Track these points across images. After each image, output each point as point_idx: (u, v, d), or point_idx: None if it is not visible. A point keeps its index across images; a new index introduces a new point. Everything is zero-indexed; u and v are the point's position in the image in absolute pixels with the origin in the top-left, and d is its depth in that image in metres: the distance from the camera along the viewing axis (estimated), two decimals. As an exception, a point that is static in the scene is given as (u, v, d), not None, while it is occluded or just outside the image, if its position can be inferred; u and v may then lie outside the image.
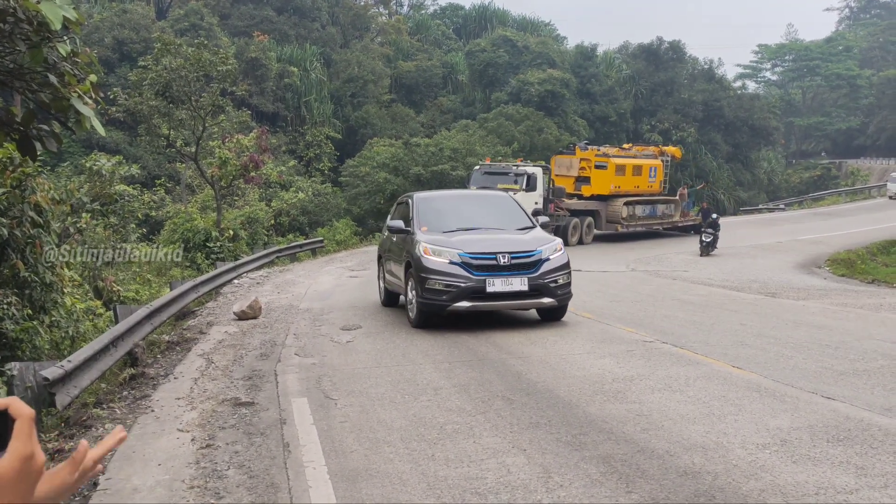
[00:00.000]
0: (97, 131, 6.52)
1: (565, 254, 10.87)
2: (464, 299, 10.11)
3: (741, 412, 6.19)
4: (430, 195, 13.09)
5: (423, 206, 11.82)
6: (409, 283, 10.83)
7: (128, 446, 6.01)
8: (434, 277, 10.18)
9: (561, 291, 10.52)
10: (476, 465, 5.17)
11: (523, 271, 10.23)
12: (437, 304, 10.21)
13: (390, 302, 12.97)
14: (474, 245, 10.45)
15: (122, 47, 49.59)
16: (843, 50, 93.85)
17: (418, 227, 11.16)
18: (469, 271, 10.13)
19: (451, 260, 10.23)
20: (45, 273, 9.89)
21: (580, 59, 66.08)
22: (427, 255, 10.39)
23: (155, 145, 29.73)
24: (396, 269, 11.78)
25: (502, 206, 12.27)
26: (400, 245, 11.61)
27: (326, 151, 53.74)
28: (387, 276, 12.78)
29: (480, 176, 27.16)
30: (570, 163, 30.65)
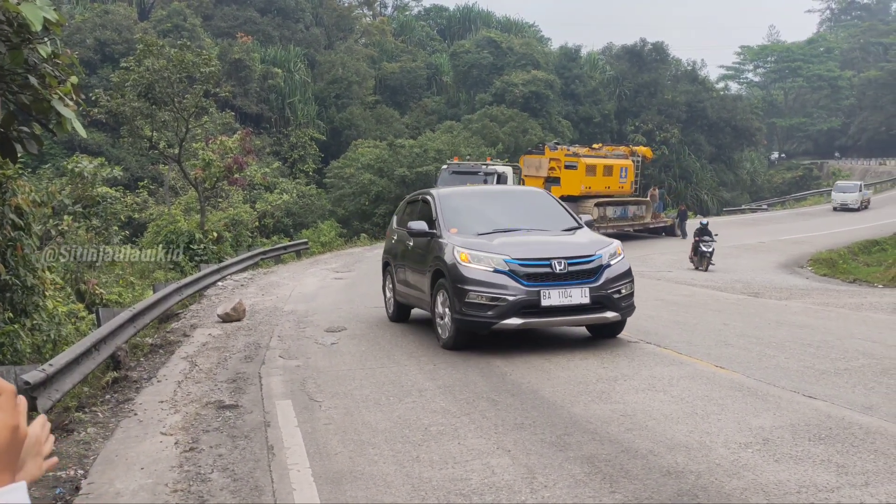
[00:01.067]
0: (78, 133, 6.48)
1: (626, 259, 9.40)
2: (513, 315, 8.45)
3: (724, 411, 6.23)
4: (455, 191, 11.63)
5: (448, 204, 10.29)
6: (437, 295, 9.24)
7: (110, 450, 5.98)
8: (476, 289, 8.57)
9: (625, 303, 9.03)
10: (460, 467, 5.18)
11: (583, 280, 8.67)
12: (480, 321, 8.58)
13: (401, 316, 11.50)
14: (522, 249, 8.86)
15: (103, 48, 49.29)
16: (825, 51, 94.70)
17: (446, 228, 9.63)
18: (518, 281, 8.52)
19: (495, 267, 8.60)
20: (27, 276, 9.81)
21: (564, 60, 66.34)
22: (465, 262, 8.76)
23: (138, 147, 29.62)
24: (416, 279, 10.27)
25: (540, 203, 10.83)
26: (422, 250, 10.04)
27: (311, 153, 53.66)
28: (398, 287, 11.15)
29: (448, 176, 26.34)
30: (540, 163, 30.10)
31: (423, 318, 10.56)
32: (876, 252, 28.90)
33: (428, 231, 9.83)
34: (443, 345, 9.15)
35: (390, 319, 11.63)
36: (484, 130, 48.76)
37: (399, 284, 11.10)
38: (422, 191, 11.70)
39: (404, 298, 11.05)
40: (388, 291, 11.84)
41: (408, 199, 12.20)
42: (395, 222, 11.98)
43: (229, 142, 28.16)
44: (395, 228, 11.70)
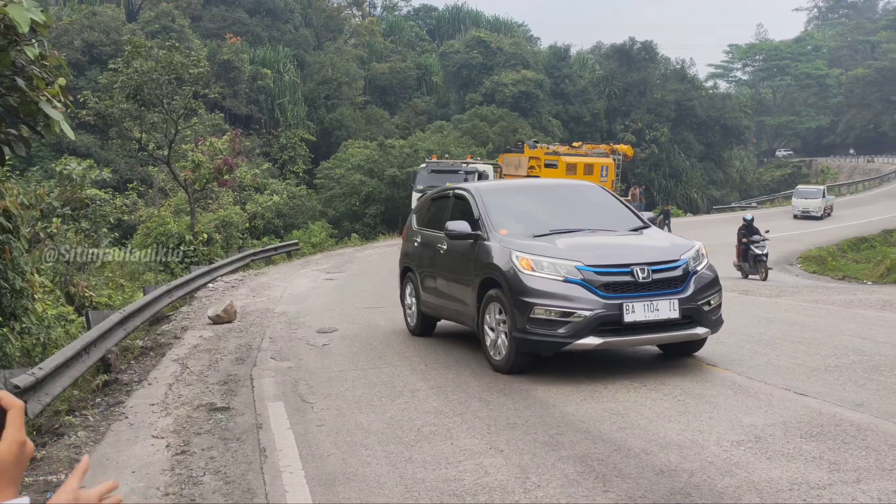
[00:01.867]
0: (67, 135, 6.45)
1: (711, 263, 8.16)
2: (591, 333, 7.16)
3: (716, 409, 6.24)
4: (497, 186, 10.60)
5: (492, 200, 8.92)
6: (487, 309, 7.98)
7: (101, 453, 5.95)
8: (544, 302, 7.25)
9: (714, 316, 7.78)
10: (453, 467, 5.17)
11: (669, 290, 7.43)
12: (548, 340, 7.27)
13: (426, 329, 10.23)
14: (595, 254, 7.61)
15: (91, 50, 49.08)
16: (813, 49, 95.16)
17: (494, 229, 8.30)
18: (595, 292, 7.24)
19: (566, 276, 7.32)
20: (15, 279, 9.75)
21: (554, 59, 66.47)
22: (528, 269, 7.46)
23: (127, 149, 29.54)
24: (453, 289, 8.99)
25: (595, 199, 9.54)
26: (462, 255, 8.71)
27: (301, 154, 53.59)
28: (425, 297, 9.81)
29: (427, 175, 26.03)
30: (519, 161, 29.62)
31: (451, 331, 9.95)
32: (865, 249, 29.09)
33: (471, 233, 8.47)
34: (496, 367, 7.84)
35: (412, 333, 10.34)
36: (474, 130, 48.81)
37: (426, 294, 9.76)
38: (452, 186, 10.34)
39: (433, 310, 9.73)
40: (409, 301, 10.50)
41: (431, 195, 10.90)
42: (414, 223, 10.70)
43: (219, 143, 28.08)
44: (417, 230, 10.39)
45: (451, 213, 9.39)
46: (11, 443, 1.20)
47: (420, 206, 10.99)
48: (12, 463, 1.20)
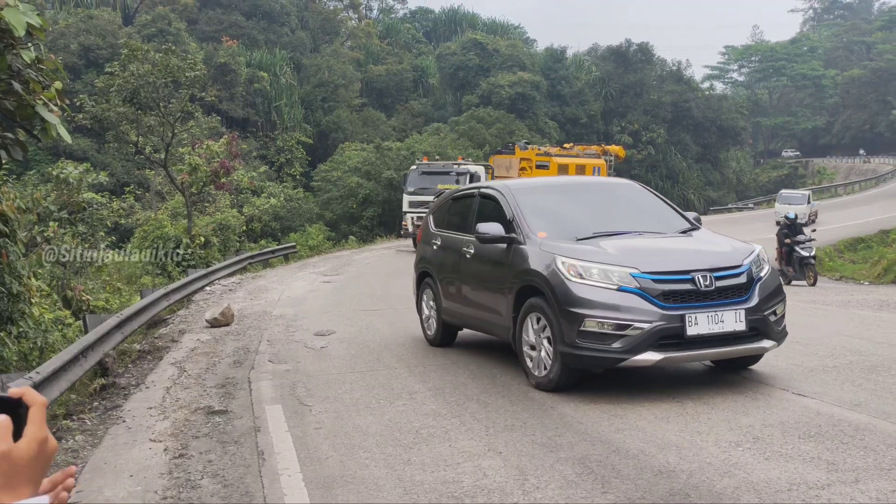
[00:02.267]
0: (63, 139, 6.45)
1: (772, 268, 7.57)
2: (650, 348, 6.46)
3: (714, 410, 6.25)
4: (529, 184, 9.78)
5: (527, 200, 8.22)
6: (527, 320, 7.25)
7: (99, 457, 5.94)
8: (596, 314, 6.56)
9: (780, 327, 7.17)
10: (452, 469, 5.17)
11: (734, 299, 6.77)
12: (601, 355, 6.57)
13: (447, 339, 9.55)
14: (650, 259, 6.95)
15: (88, 53, 49.05)
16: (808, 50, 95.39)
17: (531, 231, 7.61)
18: (653, 302, 6.55)
19: (619, 284, 6.63)
20: (12, 283, 9.73)
21: (550, 61, 66.56)
22: (576, 277, 6.76)
23: (123, 152, 29.47)
24: (483, 297, 8.32)
25: (636, 198, 8.83)
26: (494, 260, 8.02)
27: (298, 156, 53.59)
28: (447, 305, 9.13)
29: (418, 176, 26.00)
30: (510, 163, 29.35)
31: (474, 341, 9.46)
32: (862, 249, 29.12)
33: (505, 235, 7.75)
34: (537, 384, 7.13)
35: (431, 343, 9.68)
36: (471, 132, 48.85)
37: (448, 301, 9.08)
38: (478, 185, 9.74)
39: (458, 319, 9.06)
40: (427, 309, 9.82)
41: (450, 195, 10.17)
42: (432, 225, 9.96)
43: (216, 146, 28.06)
44: (436, 232, 9.68)
45: (478, 214, 8.70)
46: (32, 440, 1.19)
47: (437, 206, 10.27)
48: (32, 461, 1.18)
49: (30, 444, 1.19)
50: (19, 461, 1.17)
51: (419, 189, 25.43)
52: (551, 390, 6.94)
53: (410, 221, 25.33)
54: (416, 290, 10.26)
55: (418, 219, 24.75)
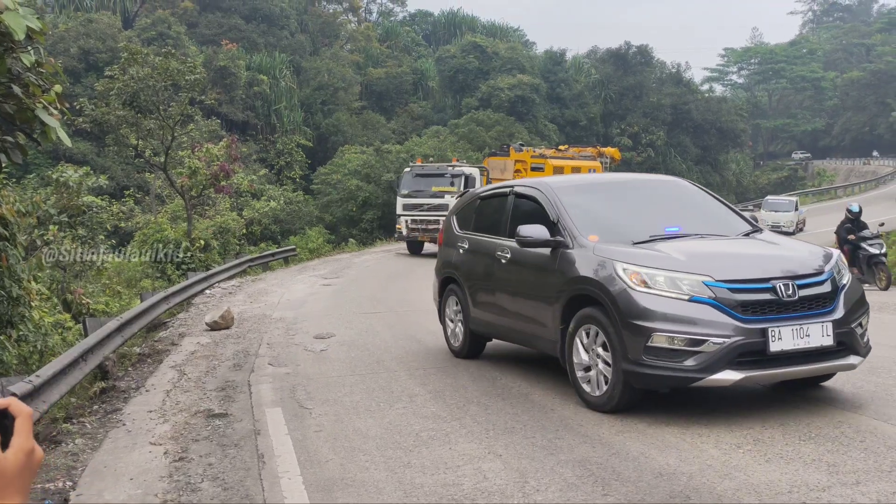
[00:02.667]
0: (63, 142, 6.44)
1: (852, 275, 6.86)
2: (728, 366, 5.78)
3: (714, 412, 6.24)
4: (571, 182, 8.94)
5: (572, 199, 7.46)
6: (578, 333, 6.57)
7: (99, 461, 5.94)
8: (665, 327, 5.89)
9: (865, 341, 6.45)
10: (452, 472, 5.17)
11: (819, 310, 6.07)
12: (672, 374, 5.91)
13: (475, 350, 8.89)
14: (723, 265, 6.25)
15: (87, 57, 49.10)
16: (807, 52, 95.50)
17: (581, 234, 6.88)
18: (731, 314, 5.85)
19: (691, 294, 5.94)
20: (12, 287, 9.72)
21: (549, 64, 66.61)
22: (640, 285, 6.08)
23: (123, 156, 29.48)
24: (523, 307, 7.56)
25: (688, 197, 8.11)
26: (536, 266, 7.33)
27: (297, 159, 53.61)
28: (476, 314, 8.45)
29: (412, 178, 25.79)
30: (505, 165, 29.23)
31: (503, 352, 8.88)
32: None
33: (550, 239, 7.01)
34: (592, 404, 6.47)
35: (456, 355, 9.01)
36: (471, 135, 48.87)
37: (479, 310, 8.40)
38: (511, 183, 8.94)
39: (489, 329, 8.40)
40: (452, 318, 9.15)
41: (478, 194, 9.42)
42: (456, 226, 9.29)
43: (215, 149, 28.06)
44: (462, 234, 9.00)
45: (513, 215, 8.03)
46: (19, 451, 1.19)
47: (462, 207, 9.48)
48: (20, 471, 1.19)
49: (17, 456, 1.19)
50: (7, 472, 1.17)
51: (413, 191, 25.26)
52: (610, 411, 6.27)
53: (405, 224, 25.14)
54: (438, 297, 9.49)
55: (413, 221, 24.81)
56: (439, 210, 23.94)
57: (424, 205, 24.65)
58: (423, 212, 24.61)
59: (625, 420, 6.12)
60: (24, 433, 1.21)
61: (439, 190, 24.58)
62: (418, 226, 24.82)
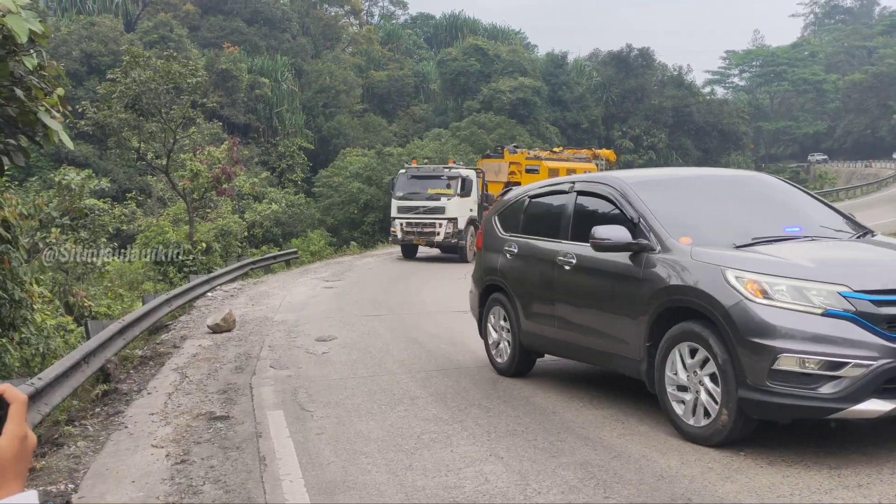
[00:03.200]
0: (65, 145, 6.45)
1: None
2: (875, 393, 4.92)
3: (716, 415, 6.24)
4: (648, 177, 7.69)
5: (654, 197, 6.50)
6: (673, 353, 5.72)
7: (101, 463, 5.94)
8: (794, 347, 5.03)
9: None
10: (454, 474, 5.17)
11: None
12: (804, 404, 5.05)
13: (523, 367, 7.95)
14: (858, 272, 5.41)
15: (90, 60, 49.18)
16: (809, 55, 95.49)
17: (668, 235, 6.00)
18: (875, 331, 5.00)
19: (825, 307, 5.09)
20: (14, 289, 9.74)
21: (551, 66, 66.65)
22: (758, 296, 5.24)
23: (125, 158, 29.52)
24: (592, 319, 6.68)
25: (780, 194, 7.17)
26: (613, 273, 6.35)
27: (299, 162, 53.64)
28: (527, 326, 7.55)
29: (407, 181, 25.12)
30: (499, 167, 28.57)
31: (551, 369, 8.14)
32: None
33: (633, 242, 6.06)
34: (695, 436, 5.56)
35: (502, 372, 8.07)
36: (472, 137, 48.89)
37: (533, 322, 7.48)
38: (572, 179, 7.96)
39: (547, 344, 7.49)
40: (496, 332, 8.21)
41: (526, 192, 8.38)
42: (498, 227, 8.39)
43: (217, 152, 28.10)
44: (508, 237, 8.07)
45: (576, 215, 7.09)
46: (12, 437, 1.20)
47: (506, 207, 8.52)
48: (14, 457, 1.20)
49: (10, 442, 1.20)
50: (3, 458, 1.19)
51: (408, 194, 24.62)
52: (718, 444, 5.41)
53: (399, 227, 24.49)
54: (478, 308, 8.56)
55: (408, 224, 24.26)
56: (435, 213, 23.72)
57: (420, 207, 24.08)
58: (419, 215, 24.09)
59: (626, 423, 6.12)
60: (18, 419, 1.22)
61: (435, 192, 24.06)
62: (414, 229, 24.26)
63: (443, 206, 23.63)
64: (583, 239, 6.63)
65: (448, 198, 23.63)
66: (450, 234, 23.61)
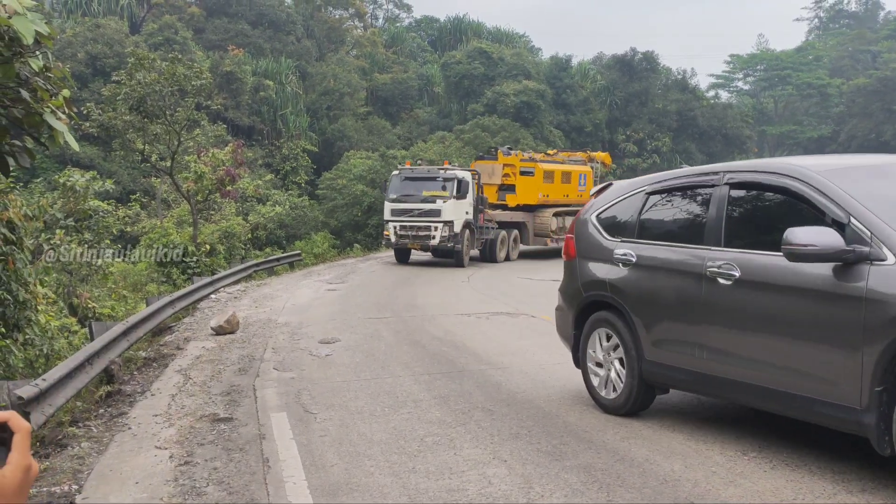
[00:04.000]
0: (70, 146, 6.47)
1: None
2: None
3: (720, 419, 6.23)
4: (848, 164, 5.89)
5: (863, 190, 4.95)
6: None
7: (105, 464, 5.95)
8: None
9: None
10: (457, 477, 5.17)
11: None
12: None
13: (642, 404, 6.44)
14: None
15: (95, 62, 49.27)
16: (814, 59, 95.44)
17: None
18: None
19: None
20: (19, 290, 9.76)
21: (555, 70, 66.68)
22: None
23: (129, 160, 29.61)
24: (767, 351, 5.17)
25: None
26: (801, 289, 4.93)
27: (303, 164, 53.67)
28: (653, 355, 6.11)
29: (400, 182, 24.27)
30: (493, 169, 27.51)
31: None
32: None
33: (847, 249, 4.64)
34: None
35: (610, 409, 6.58)
36: (476, 141, 48.86)
37: (665, 352, 6.00)
38: (719, 168, 6.09)
39: (691, 380, 5.86)
40: (604, 361, 6.71)
41: (640, 186, 6.81)
42: (599, 231, 6.97)
43: (221, 154, 28.15)
44: (617, 242, 6.68)
45: (731, 215, 5.70)
46: (16, 468, 1.20)
47: (612, 204, 7.01)
48: (17, 488, 1.20)
49: (14, 473, 1.20)
50: (7, 489, 1.18)
51: (402, 196, 23.88)
52: None
53: (393, 231, 23.89)
54: (572, 329, 7.08)
55: (401, 227, 23.68)
56: (431, 216, 23.19)
57: (415, 210, 23.45)
58: (414, 217, 23.48)
59: (630, 426, 6.11)
60: (22, 449, 1.21)
61: (430, 195, 23.46)
62: (408, 232, 23.64)
63: (438, 208, 23.17)
64: (744, 245, 5.46)
65: (444, 200, 23.18)
66: (446, 238, 23.13)
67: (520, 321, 12.49)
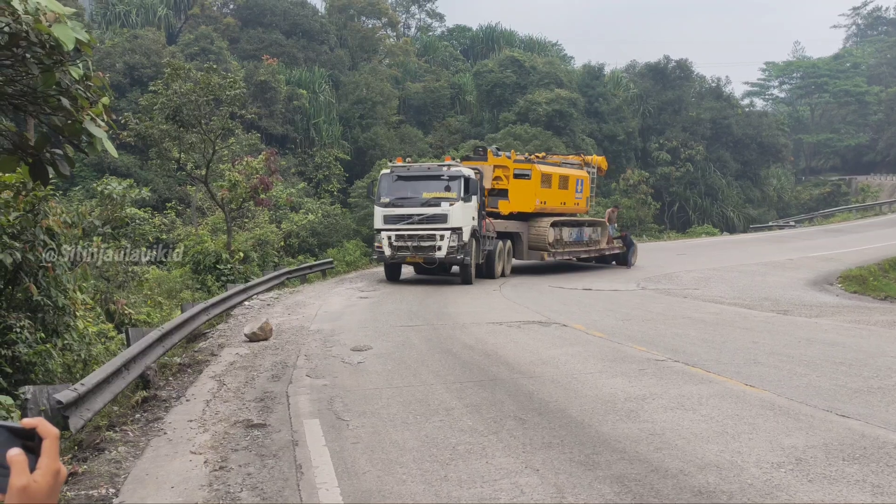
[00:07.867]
0: (109, 153, 6.57)
1: None
2: None
3: (755, 431, 6.15)
4: None
5: None
6: None
7: (141, 469, 6.02)
8: None
9: None
10: (489, 486, 5.15)
11: None
12: None
13: None
14: None
15: (132, 72, 50.05)
16: (851, 66, 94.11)
17: None
18: None
19: None
20: (58, 296, 9.93)
21: (587, 78, 66.48)
22: None
23: (165, 169, 29.96)
24: None
25: None
26: None
27: (335, 173, 53.97)
28: None
29: (392, 183, 20.30)
30: (482, 171, 23.14)
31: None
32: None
33: None
34: None
35: None
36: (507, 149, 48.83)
37: None
38: None
39: None
40: None
41: None
42: None
43: (255, 162, 28.43)
44: None
45: None
46: (46, 472, 1.22)
47: None
48: (48, 492, 1.22)
49: (45, 477, 1.22)
50: (37, 494, 1.21)
51: (397, 199, 20.01)
52: None
53: (387, 241, 19.97)
54: None
55: (397, 237, 19.95)
56: (435, 222, 19.50)
57: (415, 216, 19.69)
58: (413, 225, 19.71)
59: (663, 437, 6.05)
60: (51, 454, 1.24)
61: (433, 196, 19.72)
62: (406, 243, 19.85)
63: (445, 213, 19.49)
64: None
65: (450, 203, 19.51)
66: (454, 249, 19.43)
67: (551, 330, 12.44)
